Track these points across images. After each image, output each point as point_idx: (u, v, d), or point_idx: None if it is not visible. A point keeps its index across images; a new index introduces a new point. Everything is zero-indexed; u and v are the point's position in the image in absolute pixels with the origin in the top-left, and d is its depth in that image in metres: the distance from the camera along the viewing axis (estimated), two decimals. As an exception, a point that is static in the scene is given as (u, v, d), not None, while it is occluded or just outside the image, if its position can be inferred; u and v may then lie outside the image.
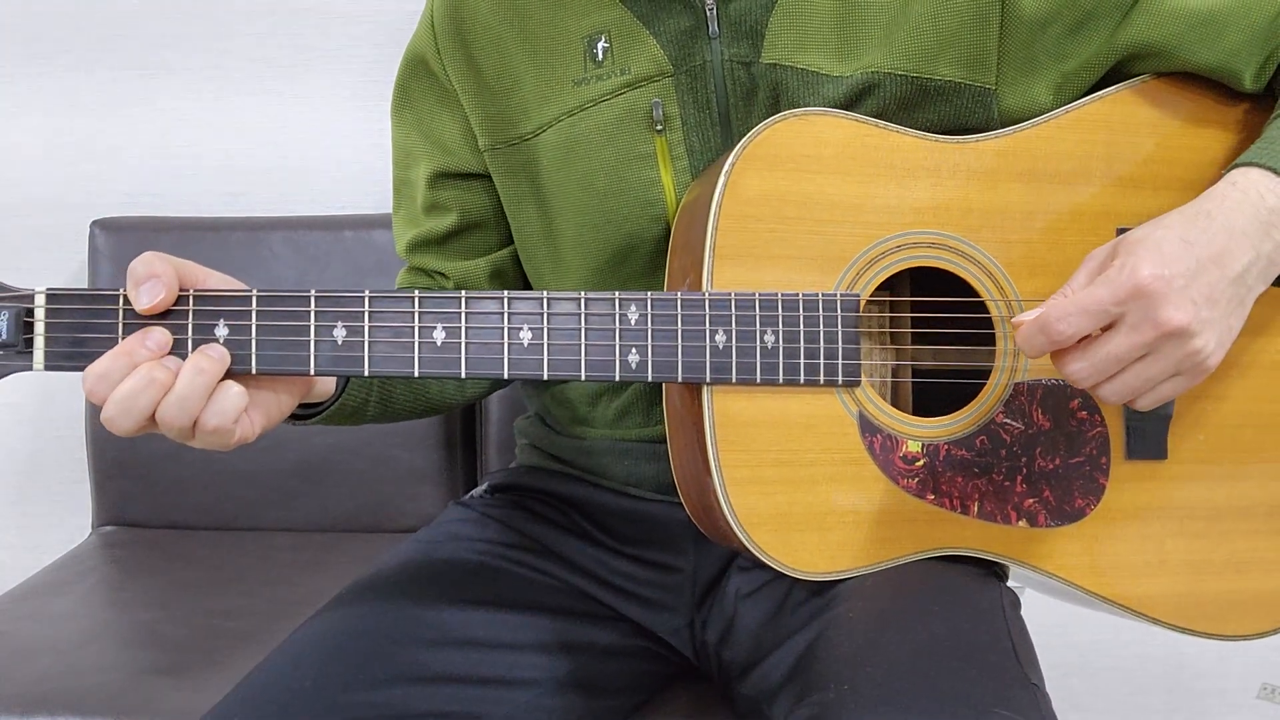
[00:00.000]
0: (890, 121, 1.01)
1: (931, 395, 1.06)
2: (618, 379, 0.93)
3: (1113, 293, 0.88)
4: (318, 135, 1.92)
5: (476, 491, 1.27)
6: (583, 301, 0.93)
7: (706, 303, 0.95)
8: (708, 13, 1.05)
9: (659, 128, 1.07)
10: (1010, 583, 1.13)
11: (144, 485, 1.81)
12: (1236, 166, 0.98)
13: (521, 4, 1.11)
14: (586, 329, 0.93)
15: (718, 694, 1.16)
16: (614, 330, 0.93)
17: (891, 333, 1.08)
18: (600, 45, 1.08)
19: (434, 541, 1.16)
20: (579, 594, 1.14)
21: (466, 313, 0.92)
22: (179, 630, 1.46)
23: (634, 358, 0.94)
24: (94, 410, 1.81)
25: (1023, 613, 1.08)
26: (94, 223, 1.82)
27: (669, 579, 1.14)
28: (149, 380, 0.85)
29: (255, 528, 1.80)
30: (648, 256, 1.10)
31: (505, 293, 0.92)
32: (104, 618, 1.55)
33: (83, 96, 1.93)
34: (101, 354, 0.86)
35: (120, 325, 0.87)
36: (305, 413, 1.01)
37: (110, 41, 1.91)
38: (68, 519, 1.98)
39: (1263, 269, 0.94)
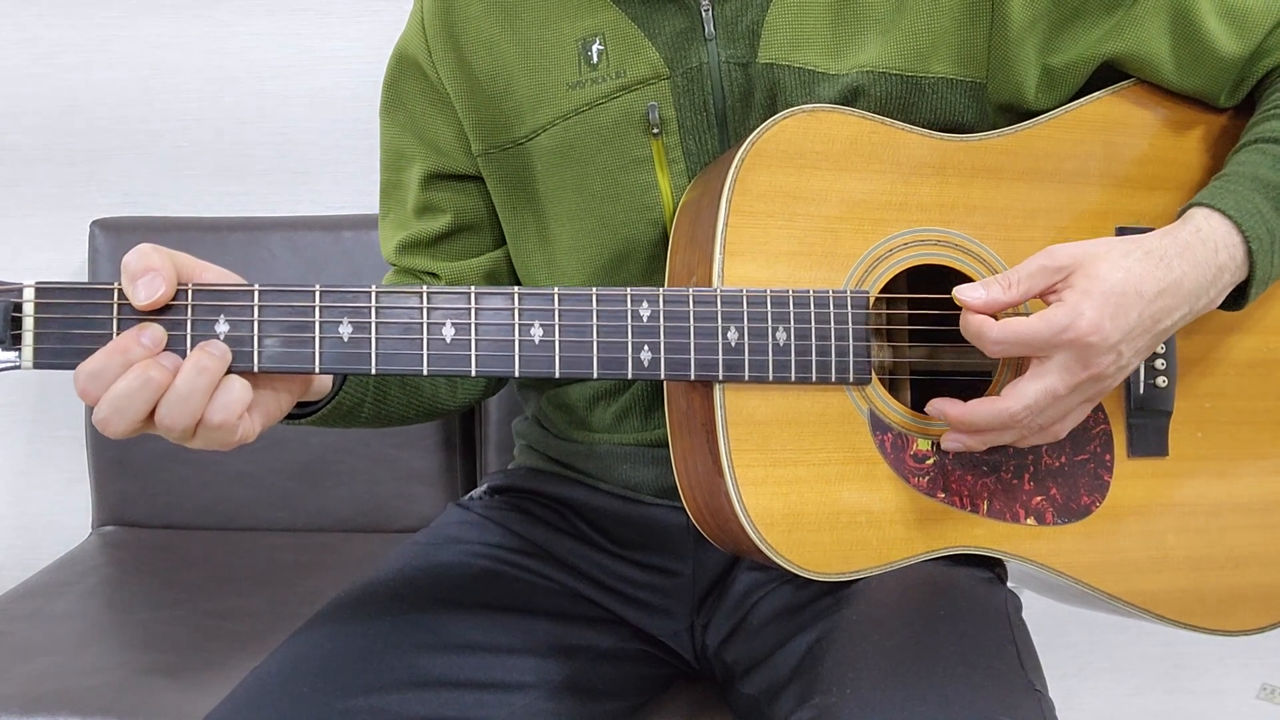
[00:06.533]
0: (887, 117, 1.01)
1: (937, 394, 1.06)
2: (630, 376, 0.92)
3: (1051, 338, 0.92)
4: (317, 135, 1.92)
5: (476, 493, 1.26)
6: (594, 298, 0.91)
7: (719, 299, 0.93)
8: (703, 14, 1.05)
9: (655, 131, 1.06)
10: (1009, 584, 1.13)
11: (143, 485, 1.81)
12: (1202, 206, 0.99)
13: (513, 5, 1.10)
14: (598, 325, 0.91)
15: (716, 696, 1.16)
16: (626, 327, 0.92)
17: (895, 329, 1.07)
18: (595, 48, 1.07)
19: (432, 544, 1.15)
20: (577, 597, 1.14)
21: (476, 309, 0.89)
22: (178, 630, 1.46)
23: (646, 355, 0.92)
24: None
25: (1022, 614, 1.08)
26: (94, 223, 1.82)
27: (668, 583, 1.14)
28: (144, 380, 0.80)
29: (254, 528, 1.80)
30: (644, 260, 1.09)
31: (515, 289, 0.90)
32: (103, 618, 1.55)
33: (82, 96, 1.93)
34: (95, 351, 0.81)
35: (115, 321, 0.82)
36: (299, 412, 0.98)
37: (109, 42, 1.91)
38: (68, 519, 1.97)
39: (1184, 321, 0.98)
